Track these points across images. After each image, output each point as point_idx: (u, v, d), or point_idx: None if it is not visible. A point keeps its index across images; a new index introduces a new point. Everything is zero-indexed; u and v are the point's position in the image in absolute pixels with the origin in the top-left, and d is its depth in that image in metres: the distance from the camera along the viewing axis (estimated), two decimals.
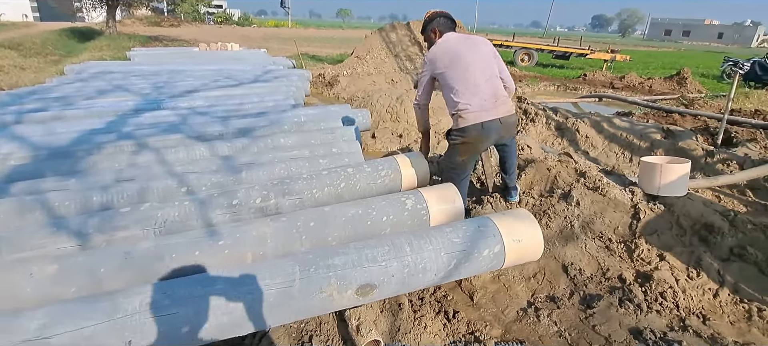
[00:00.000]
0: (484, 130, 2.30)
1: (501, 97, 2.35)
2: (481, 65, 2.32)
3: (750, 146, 4.47)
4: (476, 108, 2.26)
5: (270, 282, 1.43)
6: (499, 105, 2.32)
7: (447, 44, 2.38)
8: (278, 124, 3.45)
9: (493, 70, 2.37)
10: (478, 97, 2.27)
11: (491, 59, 2.39)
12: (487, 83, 2.31)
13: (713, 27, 73.84)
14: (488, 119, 2.28)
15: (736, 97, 9.39)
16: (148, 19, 30.54)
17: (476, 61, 2.31)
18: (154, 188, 2.37)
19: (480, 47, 2.38)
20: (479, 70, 2.30)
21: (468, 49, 2.33)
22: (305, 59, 12.19)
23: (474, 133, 2.31)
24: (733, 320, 1.99)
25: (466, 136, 2.33)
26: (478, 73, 2.30)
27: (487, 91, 2.29)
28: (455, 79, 2.31)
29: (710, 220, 2.33)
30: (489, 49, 2.41)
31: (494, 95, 2.31)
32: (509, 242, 1.69)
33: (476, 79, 2.28)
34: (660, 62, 18.79)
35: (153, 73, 6.69)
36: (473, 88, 2.28)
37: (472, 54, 2.32)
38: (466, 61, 2.30)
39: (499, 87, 2.37)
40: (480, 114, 2.27)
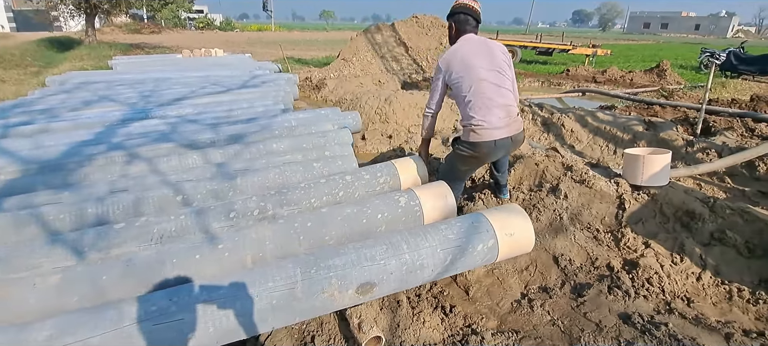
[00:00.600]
0: (495, 148, 2.23)
1: (513, 113, 2.25)
2: (495, 77, 2.20)
3: (727, 135, 4.64)
4: (490, 126, 2.17)
5: (273, 285, 1.46)
6: (512, 122, 2.23)
7: (463, 50, 2.25)
8: (269, 130, 3.47)
9: (506, 81, 2.25)
10: (493, 114, 2.17)
11: (506, 69, 2.26)
12: (501, 98, 2.20)
13: (690, 19, 75.83)
14: (501, 137, 2.20)
15: (713, 87, 9.71)
16: (128, 26, 30.06)
17: (491, 72, 2.19)
18: (150, 197, 2.37)
19: (496, 56, 2.24)
20: (494, 82, 2.19)
21: (484, 58, 2.21)
22: (291, 63, 12.16)
23: (485, 150, 2.24)
24: (715, 301, 2.10)
25: (475, 151, 2.25)
26: (492, 86, 2.18)
27: (501, 107, 2.19)
28: (469, 90, 2.19)
29: (691, 207, 2.44)
30: (505, 58, 2.29)
31: (507, 112, 2.22)
32: (502, 236, 1.75)
33: (490, 93, 2.18)
34: (640, 55, 19.25)
35: (138, 82, 6.61)
36: (488, 102, 2.17)
37: (487, 64, 2.20)
38: (481, 72, 2.18)
39: (511, 102, 2.25)
40: (494, 132, 2.18)
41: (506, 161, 2.72)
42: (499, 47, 2.31)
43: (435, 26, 10.16)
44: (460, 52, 2.25)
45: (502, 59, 2.26)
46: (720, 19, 72.44)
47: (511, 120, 2.23)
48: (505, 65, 2.26)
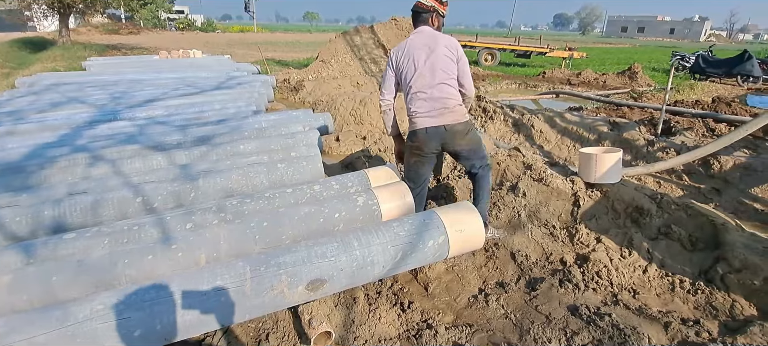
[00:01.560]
0: (428, 136, 2.29)
1: (449, 105, 2.27)
2: (433, 68, 2.24)
3: (686, 134, 4.85)
4: (422, 114, 2.26)
5: (222, 283, 1.49)
6: (446, 113, 2.26)
7: (410, 42, 2.32)
8: (239, 131, 3.47)
9: (447, 74, 2.27)
10: (425, 105, 2.25)
11: (448, 63, 2.28)
12: (435, 90, 2.25)
13: (665, 23, 78.25)
14: (432, 125, 2.26)
15: (682, 89, 10.08)
16: (105, 26, 29.36)
17: (431, 63, 2.25)
18: (109, 199, 2.35)
19: (439, 49, 2.26)
20: (430, 73, 2.24)
21: (426, 50, 2.26)
22: (271, 64, 12.10)
23: (420, 138, 2.31)
24: (659, 292, 2.20)
25: (413, 141, 2.35)
26: (428, 76, 2.24)
27: (434, 99, 2.25)
28: (409, 81, 2.29)
29: (640, 203, 2.55)
30: (448, 52, 2.29)
31: (442, 103, 2.25)
32: (452, 232, 1.81)
33: (423, 85, 2.25)
34: (615, 58, 19.80)
35: (110, 84, 6.49)
36: (420, 93, 2.26)
37: (428, 56, 2.25)
38: (420, 63, 2.25)
39: (447, 95, 2.27)
40: (425, 120, 2.26)
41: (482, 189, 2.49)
42: (446, 41, 2.31)
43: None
44: (407, 44, 2.34)
45: (445, 53, 2.27)
46: (693, 23, 75.05)
47: (447, 111, 2.25)
48: (446, 59, 2.27)
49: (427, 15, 2.35)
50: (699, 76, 12.13)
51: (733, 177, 3.88)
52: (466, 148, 2.36)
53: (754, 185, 3.72)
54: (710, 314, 2.03)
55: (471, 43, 15.45)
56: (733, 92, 9.98)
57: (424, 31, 2.34)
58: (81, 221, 2.26)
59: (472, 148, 2.38)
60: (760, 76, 11.29)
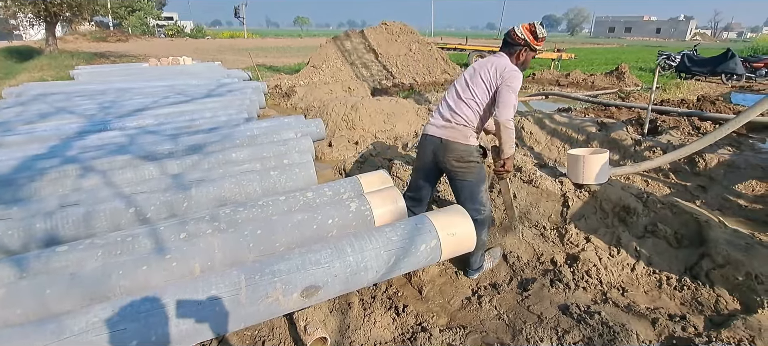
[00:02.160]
0: (426, 142, 2.27)
1: (457, 122, 2.19)
2: (465, 87, 2.21)
3: (672, 133, 4.94)
4: (430, 122, 2.27)
5: (216, 292, 1.50)
6: (449, 128, 2.20)
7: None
8: (230, 139, 3.48)
9: (475, 98, 2.17)
10: (438, 113, 2.26)
11: (482, 88, 2.16)
12: (454, 103, 2.21)
13: (652, 23, 79.53)
14: (431, 134, 2.24)
15: (668, 88, 10.26)
16: (93, 34, 29.07)
17: (467, 82, 2.21)
18: (101, 210, 2.35)
19: (482, 72, 2.18)
20: (460, 90, 2.22)
21: (473, 71, 2.22)
22: (262, 70, 12.08)
23: (420, 142, 2.33)
24: (646, 289, 2.26)
25: (418, 143, 2.36)
26: (456, 92, 2.23)
27: (447, 111, 2.22)
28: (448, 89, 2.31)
29: (627, 202, 2.61)
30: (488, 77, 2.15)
31: (452, 118, 2.19)
32: (444, 236, 1.84)
33: (451, 97, 2.25)
34: (603, 58, 20.07)
35: (99, 93, 6.45)
36: (443, 102, 2.27)
37: (471, 75, 2.22)
38: (459, 80, 2.26)
39: (462, 112, 2.18)
40: (429, 127, 2.27)
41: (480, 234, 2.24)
42: (492, 67, 2.17)
43: (404, 33, 10.33)
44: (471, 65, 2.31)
45: (485, 76, 2.16)
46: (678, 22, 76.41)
47: (450, 126, 2.19)
48: (483, 81, 2.16)
49: (515, 48, 2.19)
50: (684, 75, 12.35)
51: (717, 174, 3.96)
52: (458, 175, 2.21)
53: (738, 181, 3.80)
54: (696, 310, 2.09)
55: (461, 46, 15.58)
56: (717, 90, 10.19)
57: (497, 57, 2.23)
58: (73, 234, 2.25)
59: (465, 180, 2.22)
60: (743, 74, 11.53)
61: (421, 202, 2.47)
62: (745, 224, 3.21)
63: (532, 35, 2.18)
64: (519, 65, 2.22)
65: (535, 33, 2.17)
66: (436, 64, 10.64)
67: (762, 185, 3.73)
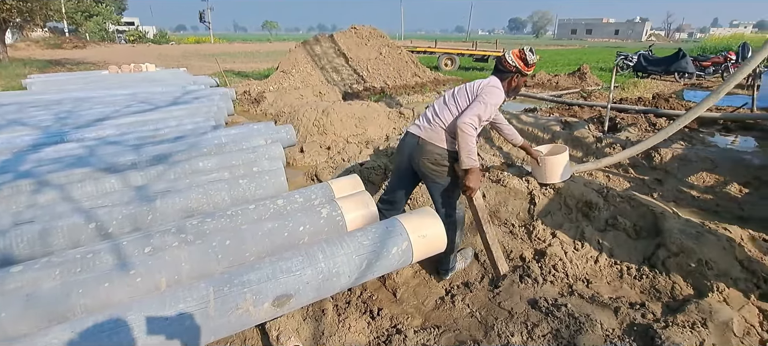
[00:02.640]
0: (403, 142, 2.32)
1: (437, 125, 2.22)
2: (451, 96, 2.27)
3: (630, 130, 5.21)
4: (414, 122, 2.32)
5: (184, 306, 1.46)
6: (427, 128, 2.23)
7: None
8: (197, 148, 3.38)
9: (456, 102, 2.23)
10: (423, 116, 2.30)
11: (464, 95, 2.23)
12: (439, 109, 2.25)
13: (610, 25, 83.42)
14: (411, 132, 2.28)
15: (627, 86, 10.79)
16: (47, 41, 27.50)
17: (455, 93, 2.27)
18: (59, 227, 2.23)
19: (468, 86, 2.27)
20: (446, 98, 2.28)
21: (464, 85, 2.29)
22: (230, 76, 11.82)
23: (400, 142, 2.36)
24: (609, 280, 2.37)
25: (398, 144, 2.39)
26: (443, 100, 2.29)
27: (430, 114, 2.26)
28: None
29: (589, 198, 2.73)
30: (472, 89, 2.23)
31: (432, 119, 2.24)
32: (415, 237, 1.87)
33: (437, 104, 2.29)
34: (566, 60, 20.88)
35: (55, 103, 6.12)
36: (428, 108, 2.31)
37: (459, 89, 2.28)
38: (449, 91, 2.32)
39: (442, 119, 2.21)
40: (411, 126, 2.30)
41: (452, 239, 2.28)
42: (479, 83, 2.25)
43: (373, 37, 10.38)
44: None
45: (468, 90, 2.24)
46: (635, 24, 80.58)
47: (429, 128, 2.22)
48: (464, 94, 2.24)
49: (507, 75, 2.23)
50: (641, 74, 13.05)
51: (672, 168, 4.21)
52: (431, 177, 2.23)
53: (690, 174, 4.05)
54: (654, 297, 2.21)
55: (431, 49, 15.82)
56: (671, 88, 10.81)
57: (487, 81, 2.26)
58: (28, 253, 2.13)
59: (437, 183, 2.24)
60: (694, 72, 12.30)
61: (395, 206, 2.48)
62: (698, 213, 3.42)
63: (523, 62, 2.22)
64: (511, 91, 2.29)
65: (525, 60, 2.22)
66: (406, 68, 10.75)
67: (711, 176, 3.99)
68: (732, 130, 5.98)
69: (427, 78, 11.61)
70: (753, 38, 24.23)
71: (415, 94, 9.87)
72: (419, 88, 10.47)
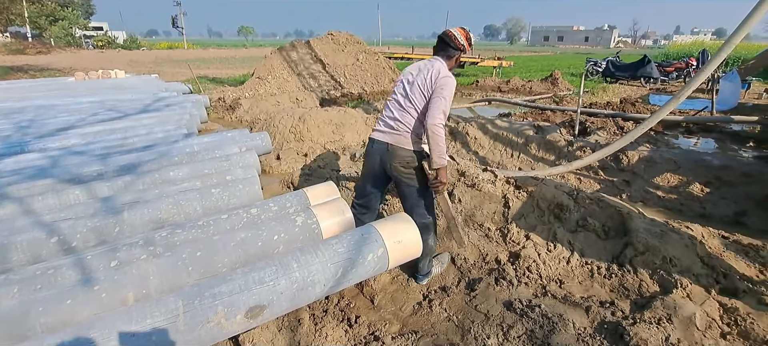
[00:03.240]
0: (372, 149, 2.30)
1: (402, 129, 2.23)
2: (405, 95, 2.25)
3: (600, 133, 5.40)
4: (377, 127, 2.32)
5: (151, 321, 1.41)
6: (393, 133, 2.24)
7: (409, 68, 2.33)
8: (168, 157, 3.28)
9: (412, 102, 2.22)
10: (383, 119, 2.31)
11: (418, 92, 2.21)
12: (398, 112, 2.25)
13: (581, 32, 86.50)
14: (378, 139, 2.27)
15: (597, 91, 11.19)
16: (8, 46, 26.20)
17: (407, 90, 2.25)
18: (17, 242, 2.12)
19: (418, 79, 2.23)
20: (401, 99, 2.27)
21: (412, 76, 2.27)
22: (204, 82, 11.57)
23: (367, 149, 2.35)
24: (580, 280, 2.43)
25: (366, 150, 2.38)
26: (398, 101, 2.27)
27: (390, 118, 2.27)
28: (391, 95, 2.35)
29: (560, 200, 2.81)
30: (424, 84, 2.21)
31: (396, 126, 2.24)
32: (391, 243, 1.87)
33: (393, 105, 2.29)
34: (539, 66, 21.49)
35: (16, 111, 5.82)
36: (386, 109, 2.31)
37: (410, 83, 2.26)
38: (399, 86, 2.31)
39: (405, 120, 2.23)
40: (375, 133, 2.30)
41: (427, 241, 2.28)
42: (434, 71, 2.21)
43: (350, 43, 10.39)
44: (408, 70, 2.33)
45: (422, 82, 2.21)
46: (603, 32, 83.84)
47: (396, 132, 2.23)
48: (419, 87, 2.21)
49: (454, 52, 2.29)
50: (610, 79, 13.59)
51: (639, 169, 4.38)
52: (404, 181, 2.25)
53: (656, 175, 4.23)
54: (623, 295, 2.28)
55: (408, 56, 15.95)
56: (638, 93, 11.27)
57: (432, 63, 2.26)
58: None
59: (410, 186, 2.25)
60: (659, 77, 12.92)
61: (369, 209, 2.46)
62: (663, 213, 3.57)
63: (469, 43, 2.32)
64: (452, 69, 2.34)
65: (470, 41, 2.32)
66: (383, 73, 10.80)
67: (675, 176, 4.17)
68: (694, 133, 6.30)
69: None
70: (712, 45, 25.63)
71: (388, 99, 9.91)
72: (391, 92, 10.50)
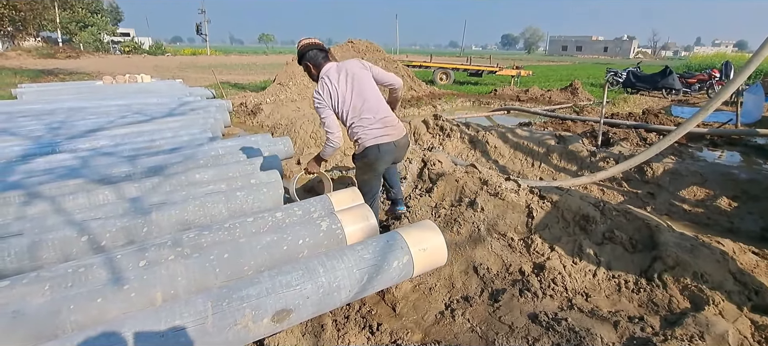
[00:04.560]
0: (380, 153, 2.48)
1: (392, 120, 2.53)
2: (367, 94, 2.47)
3: (623, 144, 5.29)
4: (373, 134, 2.46)
5: (181, 322, 1.42)
6: (391, 129, 2.50)
7: (332, 79, 2.45)
8: (194, 159, 3.35)
9: (377, 91, 2.51)
10: (374, 125, 2.47)
11: (370, 81, 2.50)
12: (377, 109, 2.48)
13: (600, 42, 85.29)
14: (384, 142, 2.47)
15: (618, 102, 10.99)
16: (39, 50, 27.28)
17: (367, 86, 2.48)
18: (49, 240, 2.18)
19: (359, 74, 2.47)
20: (373, 96, 2.49)
21: (351, 82, 2.45)
22: (226, 88, 11.81)
23: (372, 155, 2.49)
24: (607, 293, 2.37)
25: (366, 158, 2.52)
26: (368, 102, 2.46)
27: (379, 117, 2.48)
28: (350, 112, 2.46)
29: (586, 211, 2.75)
30: (366, 72, 2.51)
31: (385, 120, 2.50)
32: (416, 251, 1.86)
33: (374, 103, 2.48)
34: (558, 75, 21.24)
35: (47, 113, 6.04)
36: (368, 116, 2.47)
37: (355, 86, 2.45)
38: (353, 95, 2.45)
39: (387, 110, 2.55)
40: (377, 139, 2.46)
41: (394, 176, 3.00)
42: (356, 64, 2.51)
43: (370, 50, 10.47)
44: (328, 85, 2.45)
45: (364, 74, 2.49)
46: (623, 42, 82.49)
47: (390, 127, 2.51)
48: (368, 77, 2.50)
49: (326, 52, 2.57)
50: (630, 90, 13.33)
51: (664, 181, 4.27)
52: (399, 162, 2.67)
53: (681, 188, 4.11)
54: (652, 310, 2.21)
55: (426, 64, 16.00)
56: (659, 104, 11.03)
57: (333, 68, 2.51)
58: (16, 267, 2.07)
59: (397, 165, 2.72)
60: (681, 89, 12.62)
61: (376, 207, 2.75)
62: (690, 227, 3.46)
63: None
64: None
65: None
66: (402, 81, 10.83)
67: (702, 190, 4.05)
68: (718, 145, 6.11)
69: (422, 92, 11.72)
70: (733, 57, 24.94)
71: (411, 108, 9.95)
72: (415, 102, 10.55)
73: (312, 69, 2.55)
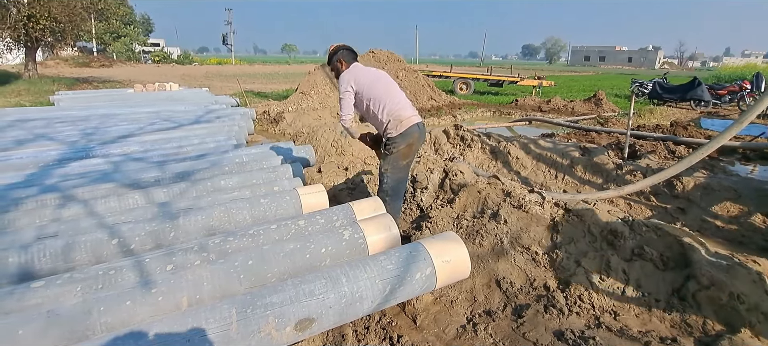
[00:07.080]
0: (420, 132, 2.77)
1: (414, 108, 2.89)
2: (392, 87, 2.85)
3: (650, 157, 5.11)
4: (409, 113, 2.76)
5: (206, 327, 1.44)
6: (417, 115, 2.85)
7: (359, 70, 2.81)
8: (219, 166, 3.43)
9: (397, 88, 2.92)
10: (406, 109, 2.78)
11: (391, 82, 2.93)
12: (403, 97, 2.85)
13: (624, 52, 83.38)
14: (420, 122, 2.80)
15: (644, 113, 10.69)
16: (75, 59, 28.67)
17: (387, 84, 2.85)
18: (82, 242, 2.26)
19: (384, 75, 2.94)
20: (392, 92, 2.82)
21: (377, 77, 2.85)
22: (250, 96, 12.10)
23: (415, 133, 2.74)
24: (637, 312, 2.27)
25: (408, 139, 2.73)
26: (395, 94, 2.82)
27: (408, 102, 2.85)
28: (381, 96, 2.75)
29: (614, 226, 2.66)
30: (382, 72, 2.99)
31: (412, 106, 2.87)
32: (439, 263, 1.84)
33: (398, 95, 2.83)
34: (581, 86, 20.84)
35: (81, 119, 6.32)
36: (401, 100, 2.80)
37: (382, 79, 2.86)
38: (384, 81, 2.85)
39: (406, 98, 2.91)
40: (413, 118, 2.75)
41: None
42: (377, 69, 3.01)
43: (391, 60, 10.55)
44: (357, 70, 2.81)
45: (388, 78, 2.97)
46: (648, 52, 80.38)
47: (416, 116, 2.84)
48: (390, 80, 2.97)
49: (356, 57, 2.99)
50: (657, 101, 12.95)
51: (695, 196, 4.10)
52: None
53: (713, 203, 3.94)
54: (685, 332, 2.11)
55: (446, 74, 16.00)
56: (687, 116, 10.66)
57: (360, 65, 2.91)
58: (51, 268, 2.15)
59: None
60: (710, 100, 12.16)
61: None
62: (723, 244, 3.30)
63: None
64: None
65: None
66: (422, 91, 10.87)
67: (735, 206, 3.87)
68: (751, 160, 5.84)
69: (442, 102, 11.70)
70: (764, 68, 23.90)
71: (431, 117, 9.93)
72: (435, 112, 10.54)
73: (342, 65, 2.84)
